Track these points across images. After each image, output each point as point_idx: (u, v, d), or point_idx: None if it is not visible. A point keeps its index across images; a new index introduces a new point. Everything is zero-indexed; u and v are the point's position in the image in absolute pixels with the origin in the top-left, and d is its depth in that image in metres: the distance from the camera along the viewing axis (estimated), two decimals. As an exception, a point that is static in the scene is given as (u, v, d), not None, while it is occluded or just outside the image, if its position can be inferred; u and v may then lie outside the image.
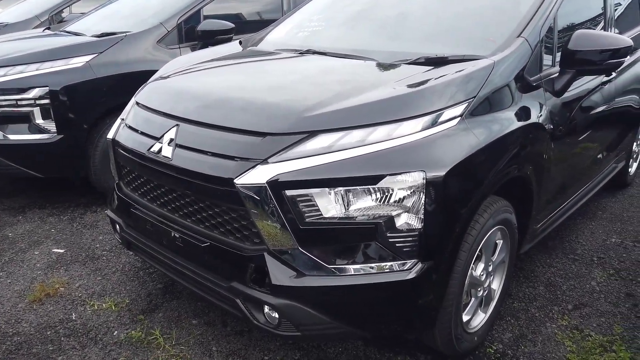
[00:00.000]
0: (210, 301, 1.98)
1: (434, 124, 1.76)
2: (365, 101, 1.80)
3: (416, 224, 1.69)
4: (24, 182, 3.96)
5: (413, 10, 2.76)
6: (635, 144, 3.91)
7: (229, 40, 3.85)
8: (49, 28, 4.81)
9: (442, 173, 1.68)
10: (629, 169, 3.98)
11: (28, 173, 3.47)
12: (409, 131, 1.72)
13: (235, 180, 1.68)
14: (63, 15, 5.65)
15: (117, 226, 2.34)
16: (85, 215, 3.51)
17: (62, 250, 3.01)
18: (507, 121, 1.99)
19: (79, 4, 5.87)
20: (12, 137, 3.39)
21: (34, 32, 4.62)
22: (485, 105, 1.93)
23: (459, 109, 1.83)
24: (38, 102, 3.33)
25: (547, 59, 2.31)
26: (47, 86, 3.32)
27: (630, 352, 2.16)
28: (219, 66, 2.55)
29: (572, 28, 2.55)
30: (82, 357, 2.12)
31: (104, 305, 2.46)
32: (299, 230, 1.67)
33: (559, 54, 2.34)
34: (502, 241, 2.17)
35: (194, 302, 2.48)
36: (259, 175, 1.67)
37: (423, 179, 1.65)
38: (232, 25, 3.90)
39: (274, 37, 2.98)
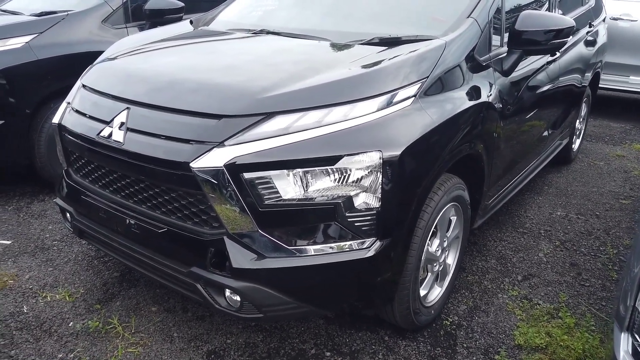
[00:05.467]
0: (170, 287, 1.95)
1: (389, 104, 1.78)
2: (321, 82, 1.80)
3: (374, 203, 1.72)
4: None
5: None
6: (577, 121, 4.12)
7: (179, 19, 3.73)
8: (-18, 6, 4.49)
9: (398, 152, 1.72)
10: (573, 146, 4.19)
11: (-34, 162, 3.28)
12: (364, 112, 1.74)
13: (191, 164, 1.65)
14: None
15: (68, 214, 2.25)
16: (32, 204, 3.36)
17: (8, 242, 2.88)
18: (459, 100, 2.04)
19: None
20: (-54, 123, 3.17)
21: (-34, 11, 4.29)
22: (438, 85, 1.98)
23: (412, 89, 1.86)
24: (-27, 86, 3.13)
25: (495, 40, 2.37)
26: (-19, 69, 3.12)
27: (575, 318, 2.31)
28: (170, 47, 2.47)
29: (519, 9, 2.63)
30: (37, 349, 2.05)
31: (57, 296, 2.38)
32: (258, 212, 1.66)
33: (507, 35, 2.41)
34: (455, 217, 2.24)
35: (153, 289, 2.44)
36: (216, 159, 1.64)
37: (380, 158, 1.68)
38: (182, 4, 3.78)
39: (226, 16, 2.90)
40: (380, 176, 1.70)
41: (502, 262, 2.74)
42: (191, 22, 2.91)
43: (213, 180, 1.64)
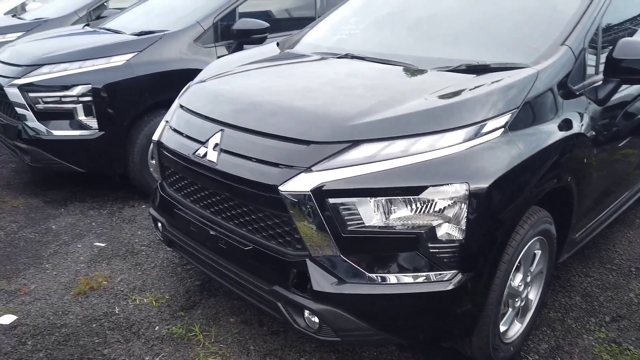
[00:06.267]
0: (250, 302, 2.04)
1: (476, 135, 1.76)
2: (408, 111, 1.81)
3: (457, 235, 1.70)
4: (65, 175, 4.09)
5: (453, 15, 2.74)
6: (677, 150, 3.81)
7: (264, 39, 3.90)
8: (88, 24, 4.94)
9: (485, 185, 1.69)
10: (670, 176, 3.87)
11: (70, 167, 3.60)
12: (451, 142, 1.73)
13: (279, 187, 1.72)
14: (101, 11, 5.77)
15: (160, 224, 2.41)
16: (124, 209, 3.62)
17: (103, 244, 3.12)
18: (550, 132, 1.97)
19: (115, 0, 5.99)
20: (55, 132, 3.51)
21: (74, 29, 4.74)
22: (528, 116, 1.92)
23: (502, 120, 1.82)
24: (81, 99, 3.44)
25: (590, 66, 2.27)
26: (89, 84, 3.42)
27: (670, 367, 2.14)
28: (260, 70, 2.59)
29: (616, 35, 2.50)
30: (127, 350, 2.21)
31: (145, 300, 2.55)
32: (340, 237, 1.70)
33: (602, 61, 2.29)
34: (540, 251, 2.16)
35: (231, 300, 2.55)
36: (303, 183, 1.70)
37: (466, 190, 1.66)
38: (267, 24, 3.94)
39: (311, 39, 2.99)
40: (465, 208, 1.68)
41: (587, 300, 2.59)
42: (278, 45, 3.03)
43: (299, 204, 1.70)
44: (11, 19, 6.23)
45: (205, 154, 1.98)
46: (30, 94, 3.46)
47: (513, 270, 1.94)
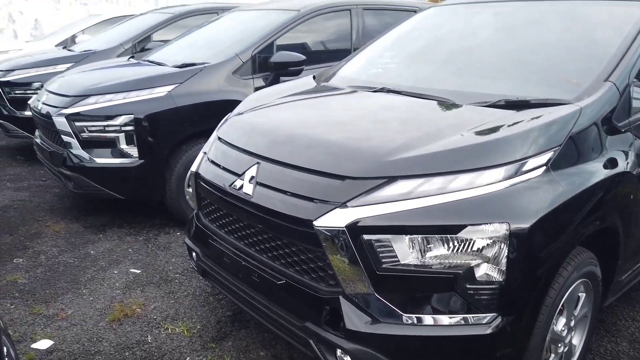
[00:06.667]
0: (281, 337, 2.01)
1: (517, 173, 1.72)
2: (446, 147, 1.79)
3: (497, 276, 1.64)
4: (105, 201, 4.21)
5: (491, 48, 2.72)
6: None
7: (301, 71, 3.97)
8: (133, 56, 5.16)
9: (526, 225, 1.64)
10: None
11: (110, 194, 3.71)
12: (491, 180, 1.69)
13: (314, 222, 1.72)
14: (145, 43, 6.02)
15: (194, 254, 2.44)
16: (159, 236, 3.69)
17: (138, 271, 3.17)
18: (594, 170, 1.90)
19: (159, 33, 6.25)
20: (98, 160, 3.64)
21: (120, 61, 4.96)
22: (571, 153, 1.87)
23: (543, 158, 1.77)
24: (123, 128, 3.57)
25: (636, 100, 2.20)
26: (132, 114, 3.55)
27: None
28: (296, 103, 2.63)
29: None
30: (157, 381, 2.21)
31: (177, 329, 2.56)
32: (375, 275, 1.67)
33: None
34: (585, 294, 2.06)
35: (262, 332, 2.53)
36: (338, 219, 1.69)
37: (506, 230, 1.61)
38: (304, 57, 4.00)
39: (347, 72, 3.02)
40: (506, 248, 1.63)
41: (635, 347, 2.44)
42: (314, 77, 3.08)
43: (333, 239, 1.69)
44: (61, 50, 6.58)
45: (242, 187, 2.01)
46: (77, 123, 3.61)
47: (556, 314, 1.85)
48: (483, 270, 1.64)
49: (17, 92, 5.48)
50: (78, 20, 9.69)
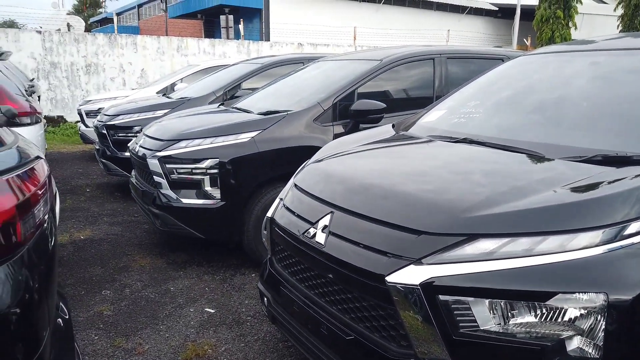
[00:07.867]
0: (349, 396, 1.91)
1: (616, 237, 1.54)
2: (534, 205, 1.65)
3: (593, 351, 1.45)
4: (187, 239, 4.40)
5: (584, 97, 2.53)
6: None
7: (381, 119, 3.97)
8: (222, 104, 5.48)
9: (629, 297, 1.44)
10: None
11: (192, 233, 3.87)
12: (586, 244, 1.52)
13: (386, 277, 1.65)
14: (235, 91, 6.40)
15: (265, 299, 2.43)
16: (235, 276, 3.75)
17: (213, 310, 3.23)
18: None
19: (249, 81, 6.63)
20: (184, 200, 3.83)
21: (211, 108, 5.29)
22: (682, 216, 1.65)
23: (648, 221, 1.58)
24: (209, 171, 3.75)
25: None
26: (217, 158, 3.73)
27: None
28: (373, 152, 2.61)
29: None
30: None
31: (244, 375, 2.54)
32: (451, 340, 1.55)
33: None
34: None
35: (329, 387, 2.43)
36: (412, 276, 1.61)
37: (604, 300, 1.44)
38: (384, 105, 4.01)
39: (428, 121, 2.96)
40: (603, 321, 1.44)
41: None
42: (393, 126, 3.05)
43: (406, 297, 1.60)
44: (161, 97, 7.18)
45: (314, 235, 1.99)
46: (167, 165, 3.85)
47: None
48: (576, 344, 1.46)
49: (120, 134, 6.02)
50: (178, 70, 10.61)
